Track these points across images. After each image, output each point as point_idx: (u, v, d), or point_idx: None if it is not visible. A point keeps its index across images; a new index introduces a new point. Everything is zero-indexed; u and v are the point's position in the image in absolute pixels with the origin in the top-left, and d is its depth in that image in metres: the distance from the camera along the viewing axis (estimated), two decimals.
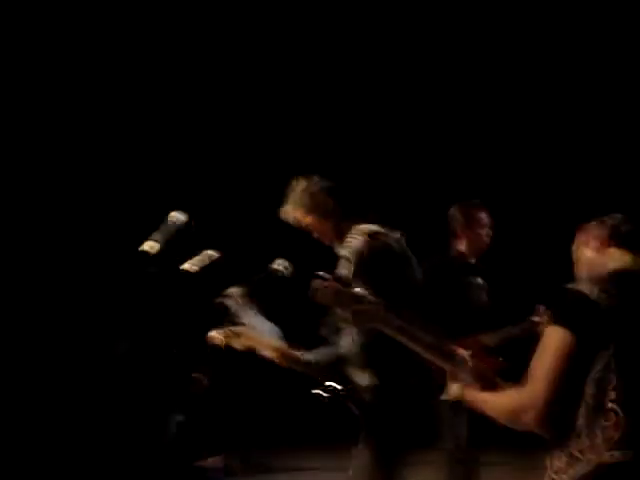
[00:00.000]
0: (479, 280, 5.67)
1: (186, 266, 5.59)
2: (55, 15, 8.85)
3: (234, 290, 4.37)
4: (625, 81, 8.84)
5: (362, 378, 4.20)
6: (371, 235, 4.43)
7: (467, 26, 9.19)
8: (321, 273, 3.32)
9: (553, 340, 2.58)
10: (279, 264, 4.28)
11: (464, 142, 9.56)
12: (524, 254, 8.71)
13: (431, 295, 5.36)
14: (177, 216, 4.87)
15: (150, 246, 4.76)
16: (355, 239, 4.37)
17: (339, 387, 4.20)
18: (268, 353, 4.32)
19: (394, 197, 9.68)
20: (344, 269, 4.36)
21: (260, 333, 4.44)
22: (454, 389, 2.85)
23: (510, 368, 2.89)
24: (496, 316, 5.62)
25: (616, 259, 2.83)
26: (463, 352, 2.94)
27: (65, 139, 9.19)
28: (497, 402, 2.71)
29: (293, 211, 4.57)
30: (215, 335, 4.35)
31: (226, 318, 4.48)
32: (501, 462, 7.42)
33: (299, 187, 4.58)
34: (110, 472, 6.35)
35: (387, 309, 2.83)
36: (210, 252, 5.63)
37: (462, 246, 5.70)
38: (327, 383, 4.30)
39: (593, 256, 2.90)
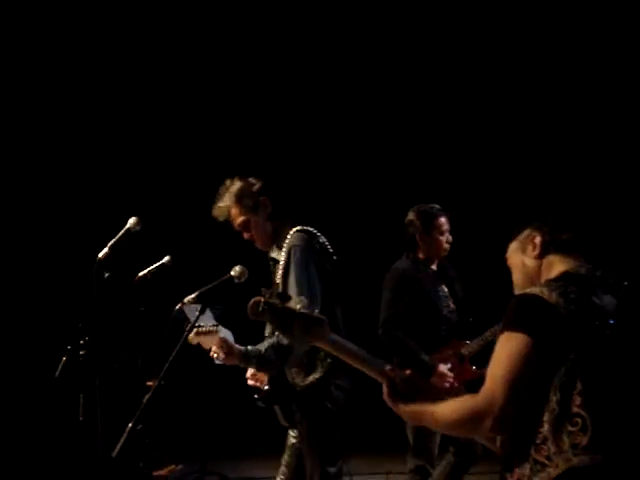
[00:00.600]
0: (444, 288, 5.58)
1: (142, 273, 5.55)
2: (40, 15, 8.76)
3: (191, 297, 4.30)
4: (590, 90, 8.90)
5: (300, 377, 4.38)
6: (308, 234, 4.48)
7: (435, 29, 9.20)
8: (262, 289, 3.27)
9: (511, 346, 2.54)
10: (236, 270, 4.22)
11: (420, 145, 9.55)
12: (490, 257, 8.64)
13: (401, 307, 5.36)
14: (133, 223, 4.84)
15: (105, 252, 4.74)
16: (293, 240, 4.44)
17: (267, 388, 4.35)
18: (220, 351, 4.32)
19: (343, 201, 9.68)
20: (279, 278, 4.40)
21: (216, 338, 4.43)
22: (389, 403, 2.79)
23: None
24: (465, 323, 5.57)
25: (560, 263, 2.81)
26: (442, 368, 2.91)
27: (20, 145, 9.09)
28: (447, 411, 2.64)
29: (228, 210, 4.58)
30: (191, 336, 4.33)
31: (184, 325, 4.42)
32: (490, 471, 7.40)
33: (236, 186, 4.60)
34: None
35: (326, 325, 2.76)
36: (166, 258, 5.59)
37: (422, 253, 5.54)
38: (263, 387, 4.35)
39: (533, 264, 2.87)
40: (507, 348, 2.55)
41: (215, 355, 4.40)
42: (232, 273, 4.21)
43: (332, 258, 4.56)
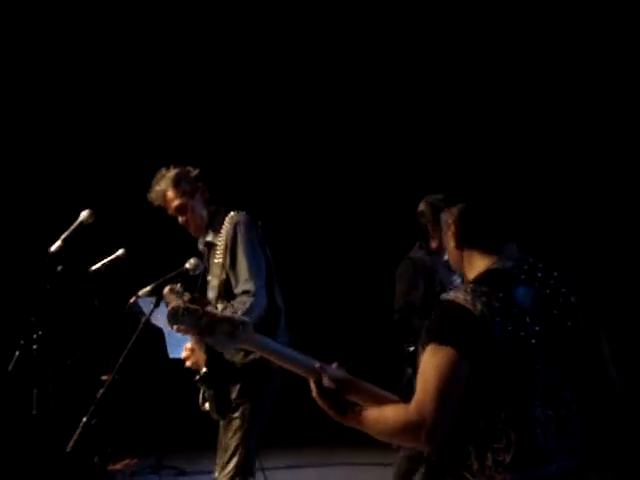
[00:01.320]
0: (457, 279, 5.57)
1: (96, 266, 5.50)
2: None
3: (145, 290, 4.28)
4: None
5: (239, 356, 4.45)
6: (244, 214, 4.60)
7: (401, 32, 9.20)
8: (177, 288, 3.24)
9: (440, 358, 2.47)
10: (191, 263, 4.21)
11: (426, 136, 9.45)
12: None
13: (417, 295, 5.38)
14: (86, 216, 4.82)
15: (58, 245, 4.70)
16: (237, 218, 4.53)
17: (205, 370, 4.31)
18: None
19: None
20: (218, 258, 4.44)
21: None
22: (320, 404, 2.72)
23: None
24: None
25: (481, 259, 2.68)
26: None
27: None
28: (380, 419, 2.57)
29: (164, 194, 4.63)
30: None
31: (139, 319, 4.39)
32: None
33: (173, 172, 4.66)
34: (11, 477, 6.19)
35: (249, 327, 2.69)
36: (120, 251, 5.55)
37: (435, 243, 5.50)
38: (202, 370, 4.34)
39: (455, 253, 2.77)
40: (436, 361, 2.47)
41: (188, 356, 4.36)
42: (187, 266, 4.20)
43: (268, 242, 4.67)
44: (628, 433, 2.70)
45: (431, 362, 2.48)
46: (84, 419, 3.93)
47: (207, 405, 4.43)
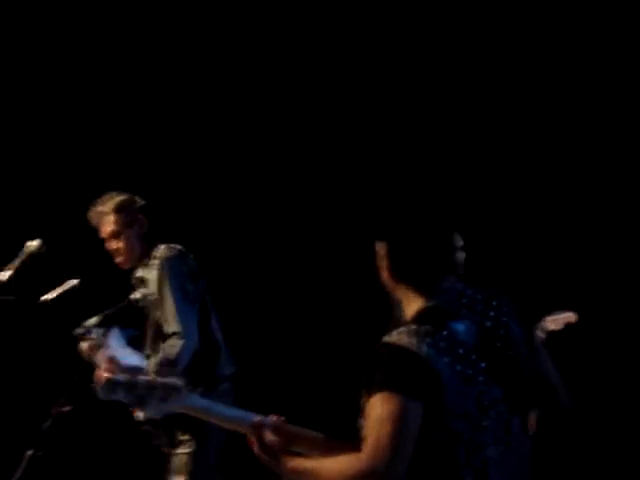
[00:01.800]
0: None
1: (46, 297, 5.45)
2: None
3: (93, 320, 4.26)
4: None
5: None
6: (174, 248, 4.57)
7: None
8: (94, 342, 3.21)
9: (391, 406, 2.41)
10: (139, 293, 4.20)
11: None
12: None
13: None
14: (33, 244, 4.76)
15: (3, 274, 4.65)
16: (163, 252, 4.51)
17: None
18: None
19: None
20: (143, 291, 4.41)
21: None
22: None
23: None
24: None
25: (418, 296, 2.59)
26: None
27: None
28: (332, 471, 2.49)
29: (103, 215, 4.62)
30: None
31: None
32: None
33: (120, 197, 4.65)
34: None
35: (183, 390, 2.61)
36: (71, 281, 5.50)
37: None
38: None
39: (391, 286, 2.66)
40: (387, 408, 2.41)
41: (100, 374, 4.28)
42: (132, 297, 4.19)
43: (203, 275, 4.62)
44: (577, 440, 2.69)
45: (381, 409, 2.42)
46: (28, 452, 3.90)
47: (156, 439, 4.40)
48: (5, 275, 4.73)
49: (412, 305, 2.60)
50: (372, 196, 8.69)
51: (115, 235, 4.61)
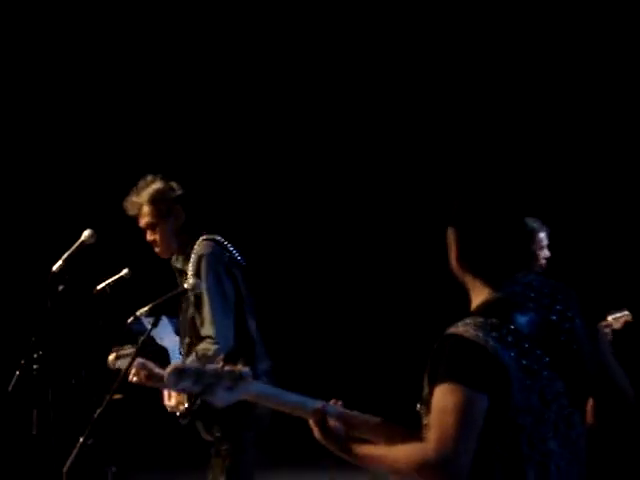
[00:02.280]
0: None
1: (101, 286, 5.50)
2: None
3: (144, 310, 4.27)
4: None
5: None
6: (216, 242, 4.49)
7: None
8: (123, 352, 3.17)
9: (456, 397, 2.42)
10: (190, 283, 4.20)
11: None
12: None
13: None
14: (84, 234, 4.80)
15: (60, 265, 4.69)
16: (200, 249, 4.42)
17: (186, 406, 4.34)
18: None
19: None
20: (192, 282, 4.31)
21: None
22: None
23: None
24: None
25: (485, 288, 2.60)
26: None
27: None
28: (398, 458, 2.50)
29: (140, 206, 4.54)
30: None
31: (138, 339, 4.39)
32: None
33: (155, 185, 4.56)
34: None
35: (249, 377, 2.62)
36: (125, 271, 5.54)
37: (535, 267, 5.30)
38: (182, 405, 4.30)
39: (460, 274, 2.66)
40: (453, 400, 2.43)
41: (131, 377, 4.29)
42: (185, 285, 4.20)
43: (242, 266, 4.54)
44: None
45: (446, 400, 2.43)
46: (81, 439, 3.93)
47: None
48: (56, 265, 4.78)
49: (479, 294, 2.60)
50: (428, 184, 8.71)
51: (151, 226, 4.56)
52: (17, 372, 4.86)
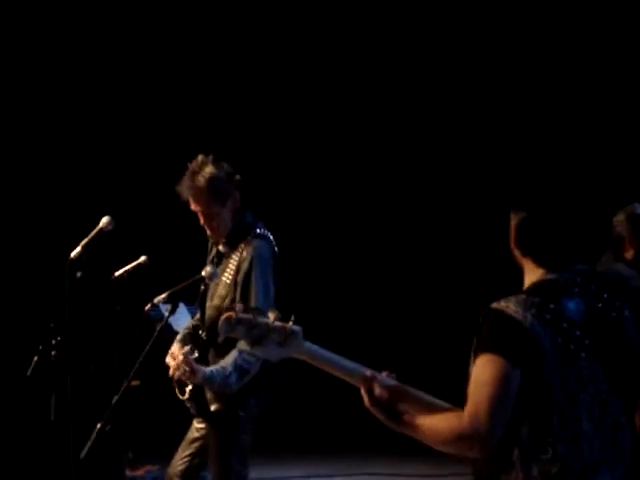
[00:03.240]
0: None
1: (119, 273, 5.51)
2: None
3: (161, 297, 4.28)
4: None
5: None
6: (268, 240, 4.43)
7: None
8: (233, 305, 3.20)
9: (492, 369, 2.50)
10: (207, 271, 4.20)
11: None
12: None
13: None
14: (102, 221, 4.79)
15: (78, 251, 4.70)
16: (256, 249, 4.33)
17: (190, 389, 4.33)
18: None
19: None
20: (227, 277, 4.32)
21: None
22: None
23: None
24: None
25: (536, 268, 2.69)
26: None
27: None
28: (433, 428, 2.58)
29: (198, 195, 4.34)
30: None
31: (156, 326, 4.40)
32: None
33: (211, 170, 4.34)
34: None
35: (300, 336, 2.66)
36: (143, 258, 5.56)
37: (629, 255, 5.32)
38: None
39: (519, 257, 2.74)
40: (488, 371, 2.51)
41: (173, 371, 4.28)
42: (203, 273, 4.19)
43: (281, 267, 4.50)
44: None
45: (483, 372, 2.52)
46: (98, 425, 3.95)
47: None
48: (75, 251, 4.79)
49: (531, 276, 2.69)
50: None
51: (206, 212, 4.37)
52: (35, 358, 4.89)
